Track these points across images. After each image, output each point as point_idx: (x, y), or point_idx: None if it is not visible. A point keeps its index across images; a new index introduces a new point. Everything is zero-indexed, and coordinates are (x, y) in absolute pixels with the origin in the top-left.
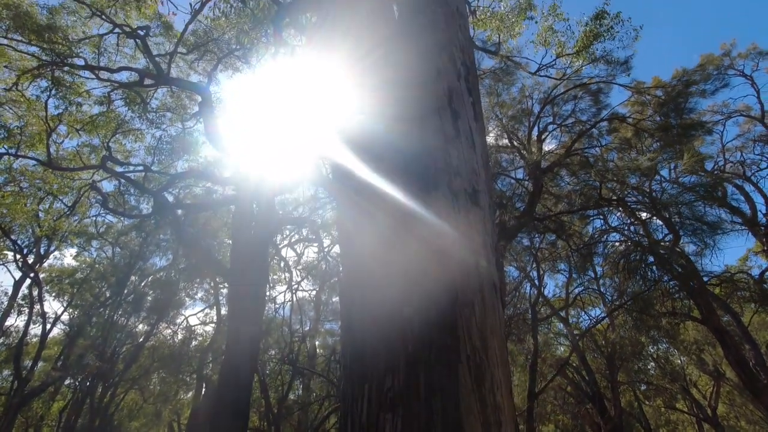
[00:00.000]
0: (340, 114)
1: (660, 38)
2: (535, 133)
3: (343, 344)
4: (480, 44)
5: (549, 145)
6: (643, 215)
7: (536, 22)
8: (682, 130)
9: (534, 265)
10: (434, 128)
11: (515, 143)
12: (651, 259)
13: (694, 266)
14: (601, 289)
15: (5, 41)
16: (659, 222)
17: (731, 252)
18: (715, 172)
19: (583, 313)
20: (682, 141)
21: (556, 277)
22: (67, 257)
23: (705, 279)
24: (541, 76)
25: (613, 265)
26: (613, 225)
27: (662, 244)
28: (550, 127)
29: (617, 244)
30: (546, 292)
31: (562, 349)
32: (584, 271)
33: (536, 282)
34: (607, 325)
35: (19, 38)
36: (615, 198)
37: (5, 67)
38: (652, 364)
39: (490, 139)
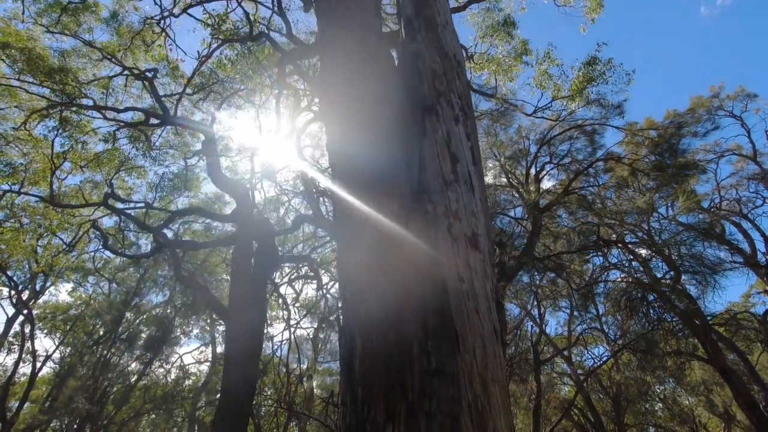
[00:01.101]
0: (341, 155)
1: (652, 76)
2: (532, 171)
3: (342, 390)
4: (477, 87)
5: (547, 183)
6: (643, 252)
7: (532, 67)
8: (676, 170)
9: (535, 303)
10: (433, 172)
11: (513, 182)
12: (652, 297)
13: (696, 304)
14: (604, 327)
15: (17, 83)
16: (659, 257)
17: (733, 288)
18: (712, 210)
19: (586, 351)
20: (677, 180)
21: (557, 314)
22: (62, 293)
23: (708, 318)
24: (537, 117)
25: (614, 302)
26: (612, 262)
27: (663, 281)
28: (548, 167)
29: (618, 280)
30: (548, 330)
31: (566, 389)
32: (586, 310)
33: (537, 320)
34: (612, 365)
35: (31, 80)
36: (614, 239)
37: (15, 107)
38: (660, 405)
39: (489, 178)
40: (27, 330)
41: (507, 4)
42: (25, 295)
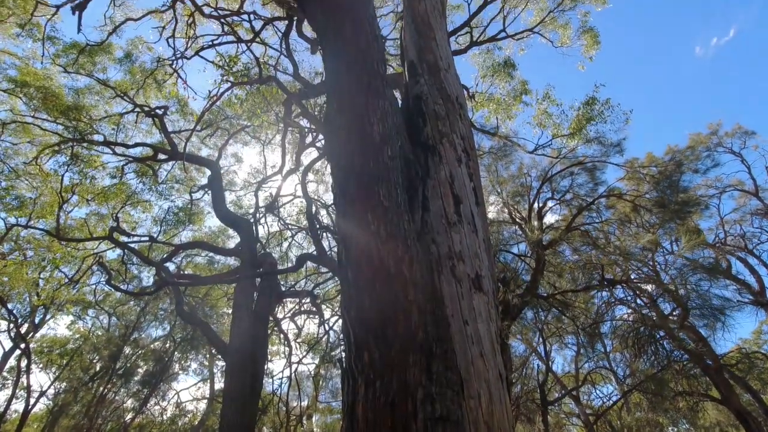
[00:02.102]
0: (345, 193)
1: (650, 113)
2: (535, 207)
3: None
4: (479, 125)
5: (550, 217)
6: (649, 288)
7: (531, 106)
8: (678, 206)
9: (540, 341)
10: (436, 213)
11: (516, 218)
12: (661, 333)
13: (706, 342)
14: (612, 365)
15: (31, 119)
16: (666, 294)
17: (743, 325)
18: (717, 245)
19: (594, 390)
20: (680, 216)
21: (564, 351)
22: (60, 326)
23: (720, 356)
24: (538, 154)
25: (621, 340)
26: (618, 297)
27: (671, 318)
28: (550, 203)
29: (625, 316)
30: (554, 368)
31: (575, 431)
32: (593, 348)
33: (543, 357)
34: (622, 404)
35: (45, 116)
36: (619, 278)
37: (28, 142)
38: None
39: (491, 213)
40: (23, 364)
41: (506, 45)
42: (23, 329)
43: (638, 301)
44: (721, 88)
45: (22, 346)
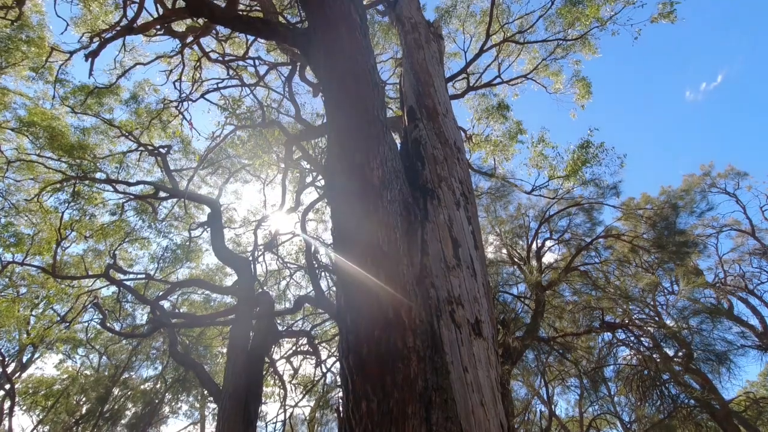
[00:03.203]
0: (345, 236)
1: (643, 154)
2: (533, 246)
3: None
4: (476, 166)
5: (549, 256)
6: (651, 328)
7: (528, 148)
8: (677, 247)
9: (543, 384)
10: (435, 257)
11: (515, 258)
12: (666, 376)
13: (712, 386)
14: (617, 409)
15: (36, 157)
16: (669, 335)
17: (749, 366)
18: (717, 285)
19: None
20: (678, 257)
21: (567, 394)
22: (48, 366)
23: (727, 401)
24: (535, 195)
25: (626, 382)
26: (620, 338)
27: (675, 360)
28: (549, 243)
29: (628, 357)
30: (558, 411)
31: None
32: (597, 391)
33: (546, 400)
34: None
35: (50, 155)
36: (619, 322)
37: (31, 179)
38: None
39: (490, 253)
40: (6, 406)
41: (501, 90)
42: (10, 368)
43: (641, 342)
44: (712, 130)
45: (7, 386)
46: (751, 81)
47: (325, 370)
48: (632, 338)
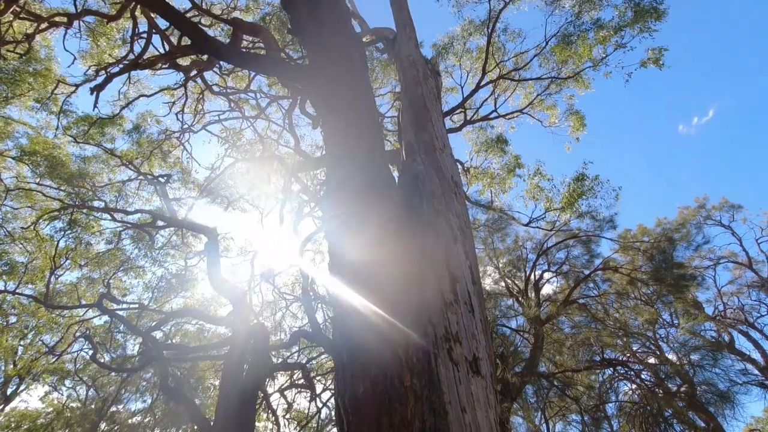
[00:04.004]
0: (343, 269)
1: (638, 186)
2: (532, 278)
3: None
4: (473, 198)
5: (547, 287)
6: (652, 361)
7: (524, 180)
8: (675, 280)
9: (543, 420)
10: (433, 292)
11: (513, 291)
12: (669, 412)
13: (717, 422)
14: None
15: (35, 186)
16: (671, 370)
17: (753, 400)
18: (717, 318)
19: None
20: (677, 290)
21: (568, 431)
22: (33, 398)
23: None
24: (532, 227)
25: (628, 418)
26: (621, 372)
27: (679, 395)
28: (547, 275)
29: (629, 392)
30: None
31: None
32: (599, 428)
33: None
34: None
35: (49, 183)
36: (619, 359)
37: (29, 207)
38: None
39: (488, 286)
40: None
41: (498, 123)
42: None
43: (642, 376)
44: (705, 162)
45: None
46: (740, 116)
47: (320, 404)
48: (633, 373)
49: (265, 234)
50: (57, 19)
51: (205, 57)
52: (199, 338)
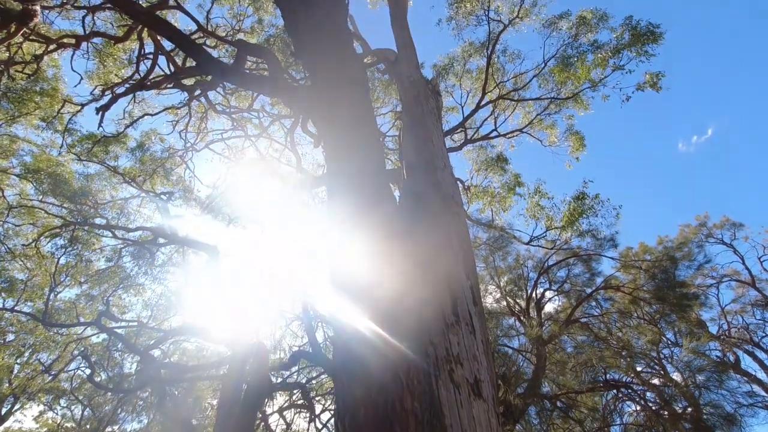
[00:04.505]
0: (343, 287)
1: (639, 204)
2: (533, 296)
3: None
4: (474, 216)
5: (549, 306)
6: (656, 381)
7: (525, 199)
8: (677, 300)
9: None
10: (434, 313)
11: (515, 310)
12: None
13: None
14: None
15: (38, 203)
16: (676, 391)
17: (760, 427)
18: (722, 337)
19: None
20: (680, 309)
21: None
22: (27, 418)
23: None
24: (533, 245)
25: None
26: (625, 393)
27: (684, 416)
28: (548, 293)
29: (633, 413)
30: None
31: None
32: None
33: None
34: None
35: (52, 200)
36: (623, 374)
37: (30, 224)
38: None
39: (490, 304)
40: None
41: (498, 142)
42: None
43: (647, 396)
44: (705, 180)
45: None
46: (739, 134)
47: (320, 425)
48: (637, 394)
49: (266, 250)
50: (65, 40)
51: (209, 77)
52: (198, 356)
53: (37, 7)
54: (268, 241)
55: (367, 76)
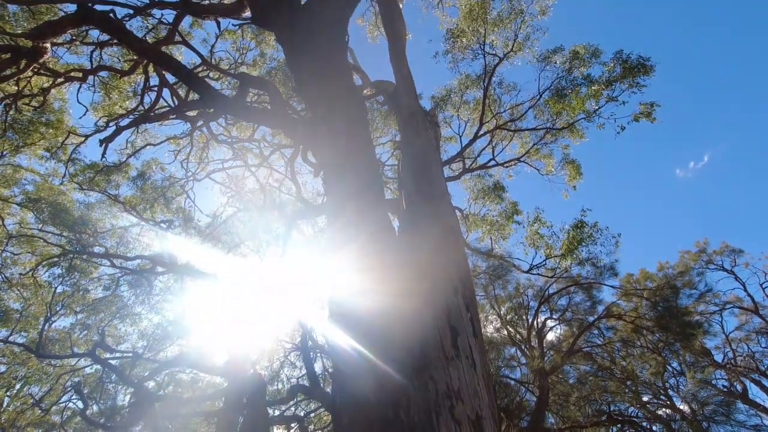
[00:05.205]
0: (343, 320)
1: (638, 230)
2: (535, 325)
3: None
4: (473, 245)
5: (551, 335)
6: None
7: (524, 227)
8: (680, 328)
9: None
10: (434, 346)
11: (516, 340)
12: None
13: None
14: None
15: (38, 232)
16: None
17: None
18: (727, 366)
19: None
20: (684, 338)
21: None
22: None
23: None
24: (533, 274)
25: None
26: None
27: None
28: (550, 322)
29: None
30: None
31: None
32: None
33: None
34: None
35: (52, 229)
36: (628, 411)
37: (29, 252)
38: None
39: (490, 334)
40: None
41: (496, 172)
42: None
43: (654, 429)
44: (703, 206)
45: None
46: (735, 161)
47: None
48: (642, 428)
49: (265, 279)
50: (73, 74)
51: (212, 110)
52: (193, 388)
53: (48, 44)
54: (268, 271)
55: (366, 108)
